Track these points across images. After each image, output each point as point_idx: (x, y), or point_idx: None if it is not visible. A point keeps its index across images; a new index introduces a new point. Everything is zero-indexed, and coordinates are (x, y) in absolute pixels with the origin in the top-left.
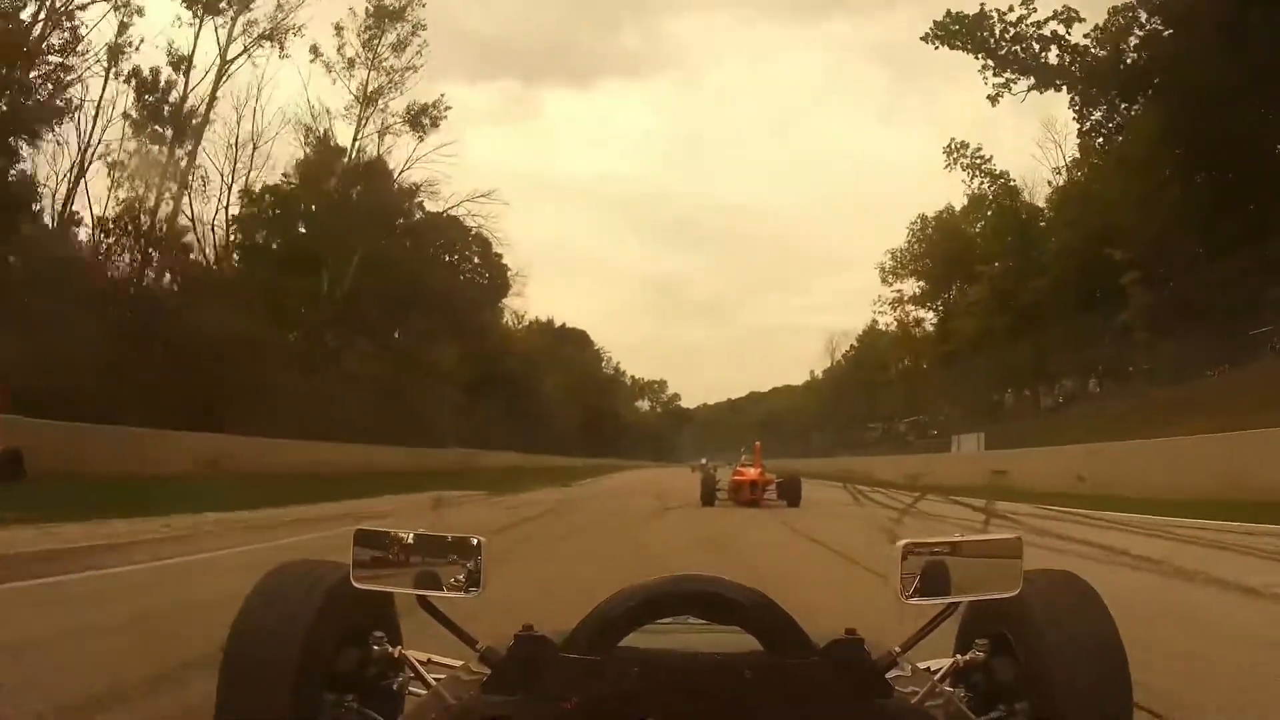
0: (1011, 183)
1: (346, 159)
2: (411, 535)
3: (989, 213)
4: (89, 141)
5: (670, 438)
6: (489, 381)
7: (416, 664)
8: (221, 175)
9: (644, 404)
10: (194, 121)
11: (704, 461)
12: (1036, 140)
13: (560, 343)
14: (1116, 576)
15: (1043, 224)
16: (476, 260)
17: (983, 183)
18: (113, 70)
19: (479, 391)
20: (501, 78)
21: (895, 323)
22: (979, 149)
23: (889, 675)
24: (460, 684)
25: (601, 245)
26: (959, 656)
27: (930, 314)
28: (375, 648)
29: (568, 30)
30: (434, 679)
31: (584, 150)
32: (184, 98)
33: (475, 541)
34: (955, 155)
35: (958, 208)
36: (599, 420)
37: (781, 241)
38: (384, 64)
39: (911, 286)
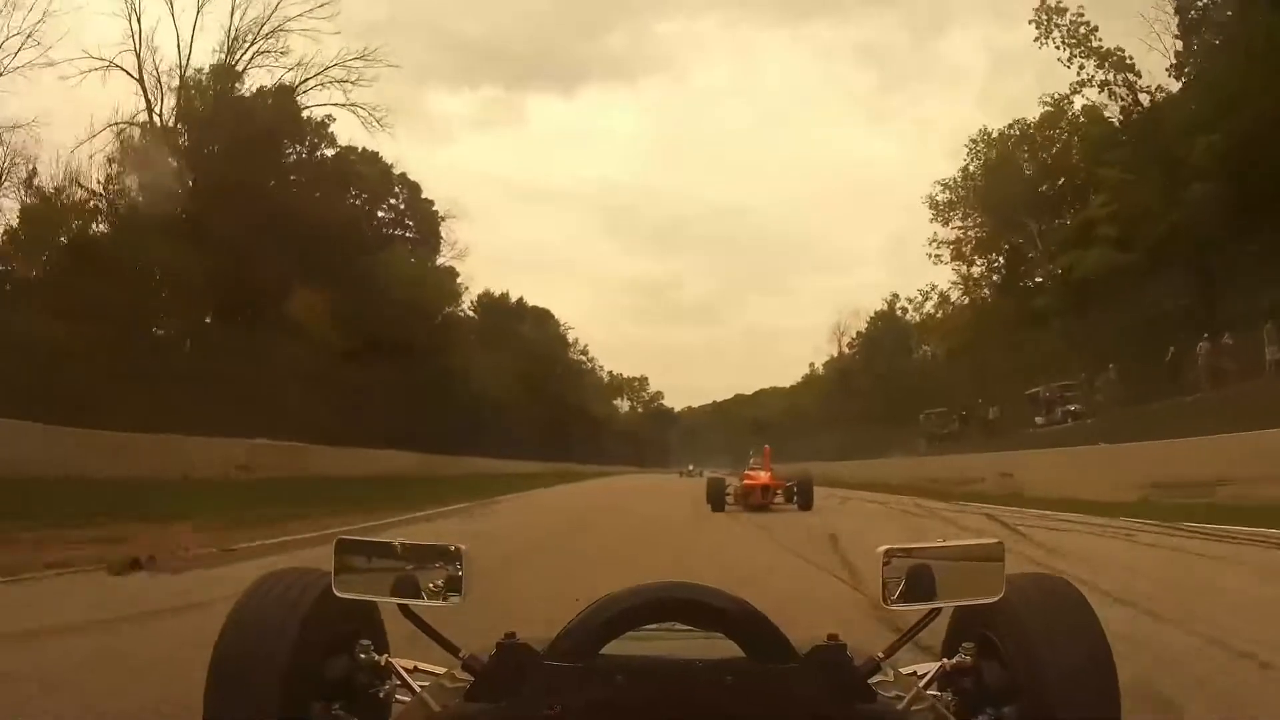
0: (1129, 60)
1: None
2: (393, 543)
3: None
4: None
5: (654, 440)
6: (389, 353)
7: (403, 672)
8: None
9: (623, 403)
10: None
11: (691, 468)
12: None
13: (511, 319)
14: None
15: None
16: (402, 206)
17: (1083, 65)
18: None
19: (372, 366)
20: (485, 82)
21: (955, 276)
22: (1080, 13)
23: (874, 681)
24: (444, 692)
25: (585, 248)
26: (945, 661)
27: (979, 264)
28: (362, 656)
29: (552, 34)
30: (420, 687)
31: (568, 154)
32: None
33: (456, 549)
34: (1048, 26)
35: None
36: (562, 416)
37: (769, 243)
38: None
39: (966, 230)
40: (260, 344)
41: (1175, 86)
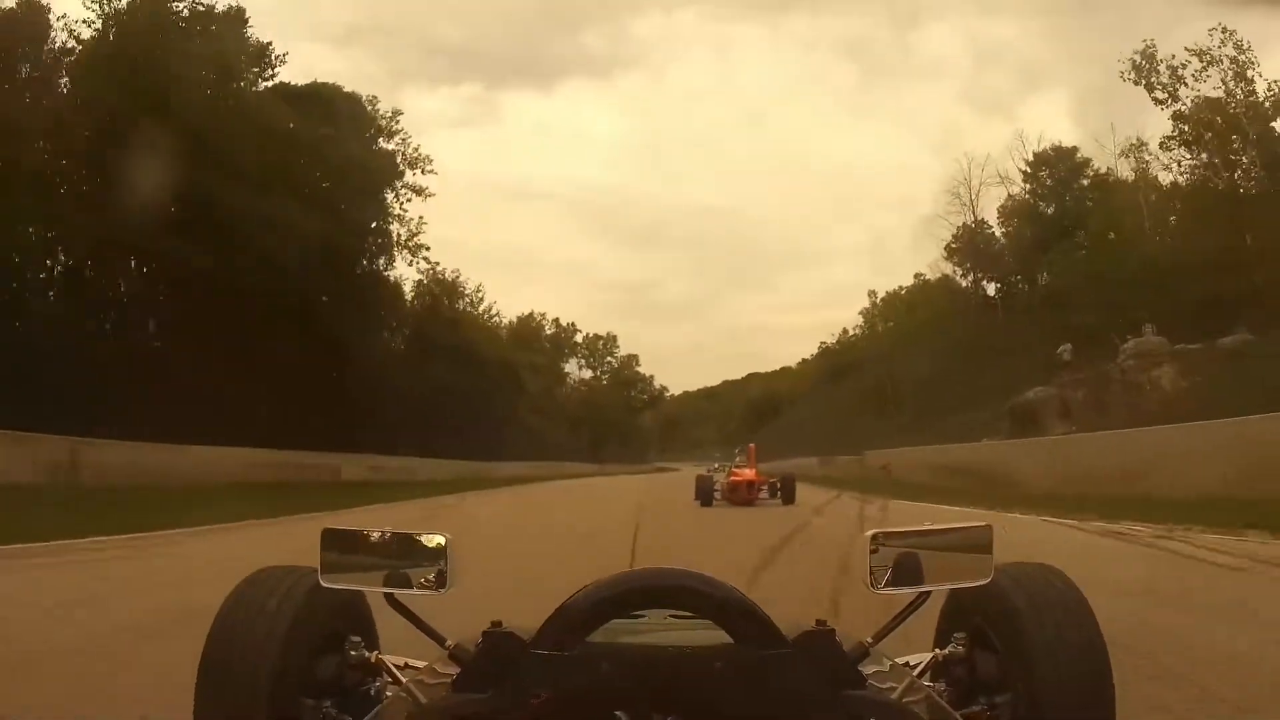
0: None
1: None
2: (379, 534)
3: None
4: None
5: (623, 425)
6: None
7: (392, 668)
8: None
9: (580, 369)
10: None
11: (716, 465)
12: None
13: None
14: None
15: None
16: None
17: None
18: None
19: None
20: (465, 82)
21: None
22: None
23: (869, 671)
24: (430, 682)
25: (565, 248)
26: (938, 651)
27: None
28: (352, 652)
29: (531, 32)
30: (408, 681)
31: (546, 152)
32: None
33: (443, 540)
34: None
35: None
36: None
37: (753, 240)
38: None
39: None
40: None
41: None
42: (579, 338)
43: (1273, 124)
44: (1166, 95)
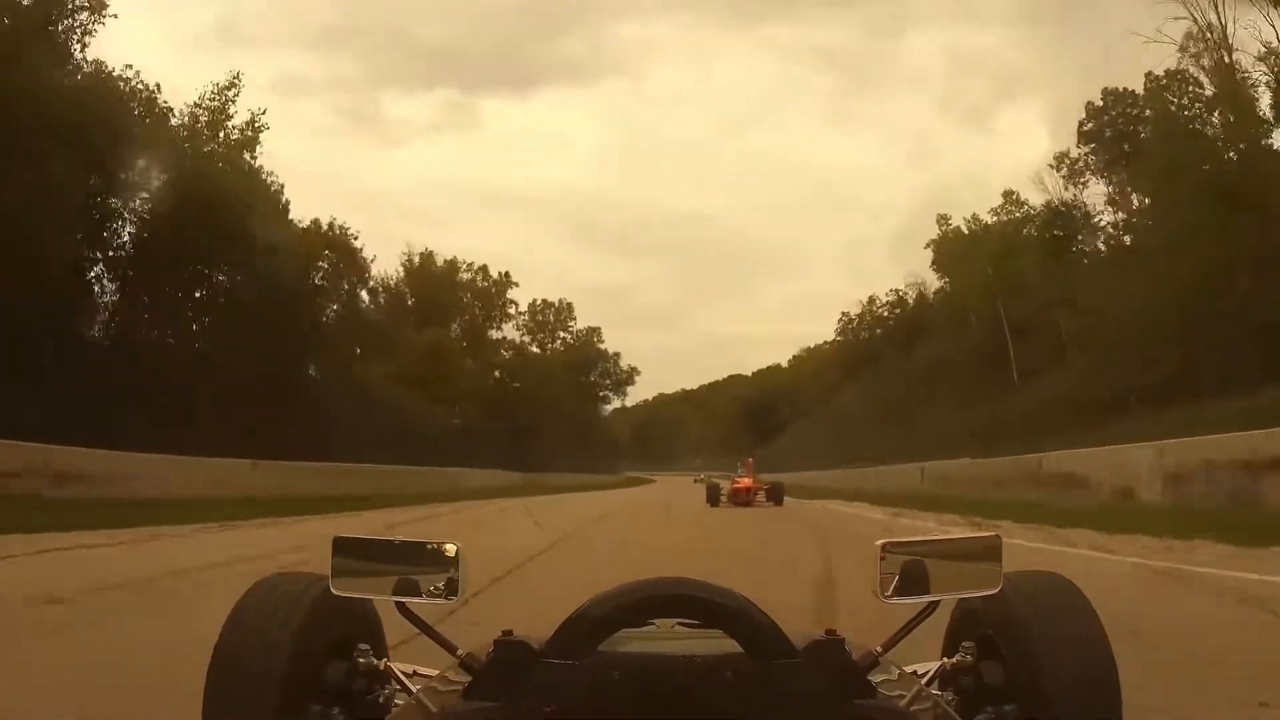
0: None
1: None
2: (390, 543)
3: None
4: None
5: (585, 420)
6: None
7: (401, 675)
8: None
9: (525, 340)
10: None
11: (702, 476)
12: None
13: None
14: None
15: None
16: None
17: None
18: None
19: None
20: (443, 86)
21: None
22: None
23: (876, 679)
24: (441, 690)
25: (543, 253)
26: (945, 660)
27: None
28: (361, 660)
29: (511, 38)
30: (417, 689)
31: (525, 158)
32: None
33: (453, 549)
34: None
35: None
36: None
37: (732, 246)
38: None
39: None
40: None
41: None
42: (515, 294)
43: None
44: None
